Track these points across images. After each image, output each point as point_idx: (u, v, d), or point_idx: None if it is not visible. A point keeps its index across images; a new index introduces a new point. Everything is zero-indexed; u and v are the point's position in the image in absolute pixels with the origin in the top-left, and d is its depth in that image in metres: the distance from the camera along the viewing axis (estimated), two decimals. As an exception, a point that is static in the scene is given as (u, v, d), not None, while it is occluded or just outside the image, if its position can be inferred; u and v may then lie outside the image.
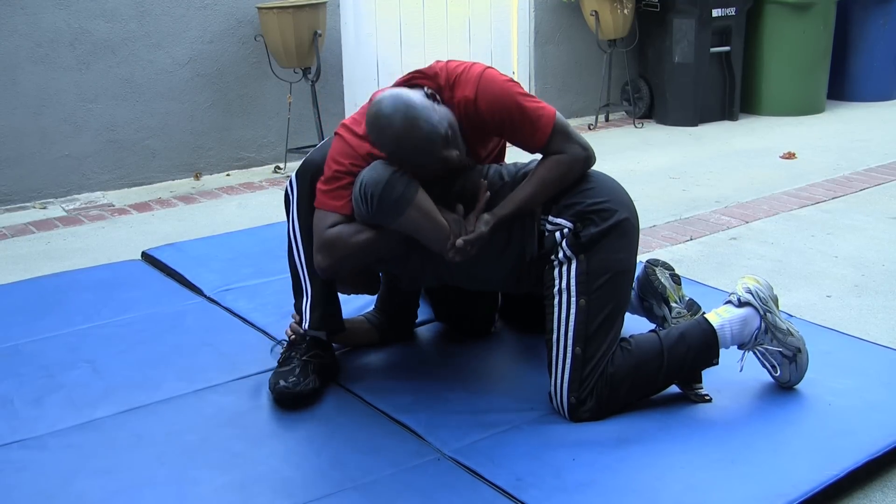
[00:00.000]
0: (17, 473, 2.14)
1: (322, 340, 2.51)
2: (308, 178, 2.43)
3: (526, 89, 2.41)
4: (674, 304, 2.60)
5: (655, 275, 2.64)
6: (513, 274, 2.41)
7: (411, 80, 2.34)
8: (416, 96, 2.23)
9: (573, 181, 2.34)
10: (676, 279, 2.67)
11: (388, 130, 2.20)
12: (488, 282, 2.48)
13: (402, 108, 2.19)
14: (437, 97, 2.28)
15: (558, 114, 2.34)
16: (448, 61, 2.36)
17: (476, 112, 2.29)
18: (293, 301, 2.56)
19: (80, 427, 2.33)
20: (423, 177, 2.27)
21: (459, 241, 2.26)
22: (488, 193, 2.33)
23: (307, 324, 2.49)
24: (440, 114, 2.23)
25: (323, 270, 2.35)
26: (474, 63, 2.35)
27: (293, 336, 2.52)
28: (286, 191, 2.51)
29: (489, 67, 2.33)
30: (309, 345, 2.48)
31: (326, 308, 2.50)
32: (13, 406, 2.44)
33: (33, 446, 2.25)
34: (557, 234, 2.31)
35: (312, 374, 2.44)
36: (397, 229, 2.27)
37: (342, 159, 2.33)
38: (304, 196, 2.44)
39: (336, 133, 2.39)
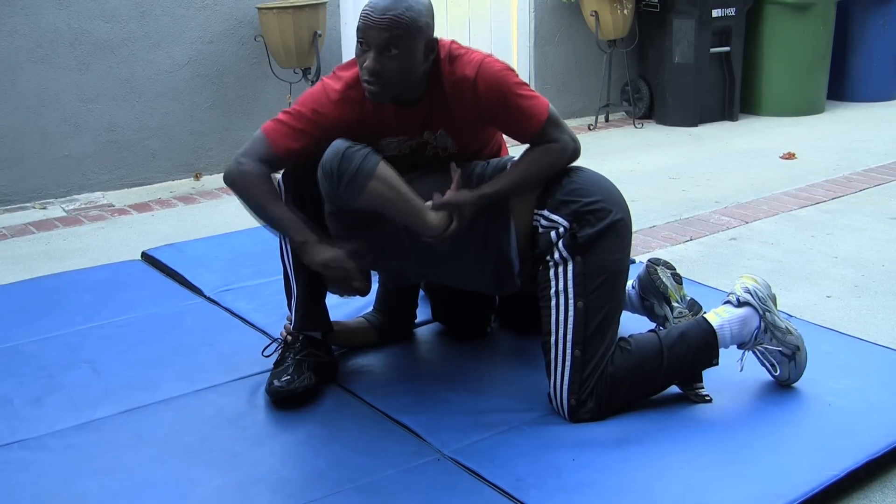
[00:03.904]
0: (17, 474, 2.14)
1: (317, 339, 2.51)
2: (293, 179, 2.43)
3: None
4: (675, 304, 2.60)
5: (657, 274, 2.64)
6: (495, 274, 2.41)
7: None
8: None
9: (559, 171, 2.36)
10: (678, 279, 2.67)
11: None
12: (468, 280, 2.47)
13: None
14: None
15: (551, 105, 2.37)
16: (451, 41, 2.39)
17: (474, 94, 2.30)
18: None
19: (80, 427, 2.33)
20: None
21: (439, 205, 2.26)
22: (459, 170, 2.34)
23: (294, 324, 2.50)
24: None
25: (232, 185, 2.34)
26: (475, 49, 2.38)
27: (288, 337, 2.52)
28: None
29: (489, 55, 2.36)
30: (303, 343, 2.48)
31: (311, 307, 2.50)
32: (13, 406, 2.44)
33: (33, 446, 2.25)
34: (553, 234, 2.31)
35: (308, 372, 2.44)
36: (366, 207, 2.25)
37: (310, 104, 2.34)
38: (291, 197, 2.44)
39: (322, 80, 2.39)
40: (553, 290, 2.30)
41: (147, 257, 3.55)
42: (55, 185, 4.53)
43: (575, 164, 2.42)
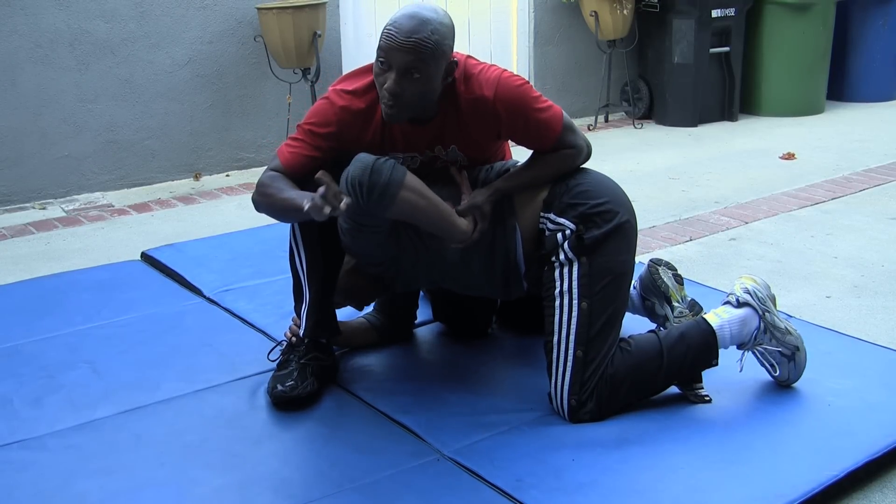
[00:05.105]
0: (17, 474, 2.14)
1: (321, 343, 2.51)
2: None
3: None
4: (676, 304, 2.61)
5: (658, 274, 2.64)
6: (502, 279, 2.41)
7: None
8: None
9: (572, 171, 2.38)
10: (679, 279, 2.68)
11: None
12: (477, 286, 2.48)
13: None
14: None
15: (564, 112, 2.38)
16: (467, 56, 2.38)
17: (493, 114, 2.31)
18: (293, 303, 2.56)
19: (80, 427, 2.33)
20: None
21: (462, 210, 2.29)
22: (464, 173, 2.37)
23: (303, 330, 2.49)
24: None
25: (254, 204, 2.37)
26: (491, 65, 2.37)
27: (293, 338, 2.52)
28: None
29: (505, 70, 2.35)
30: (308, 347, 2.48)
31: (322, 315, 2.50)
32: (13, 406, 2.44)
33: (33, 447, 2.25)
34: (559, 236, 2.31)
35: (311, 377, 2.43)
36: (396, 217, 2.26)
37: (313, 117, 2.35)
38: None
39: (325, 97, 2.39)
40: (557, 291, 2.30)
41: (147, 257, 3.55)
42: (55, 185, 4.53)
43: (576, 164, 2.44)
